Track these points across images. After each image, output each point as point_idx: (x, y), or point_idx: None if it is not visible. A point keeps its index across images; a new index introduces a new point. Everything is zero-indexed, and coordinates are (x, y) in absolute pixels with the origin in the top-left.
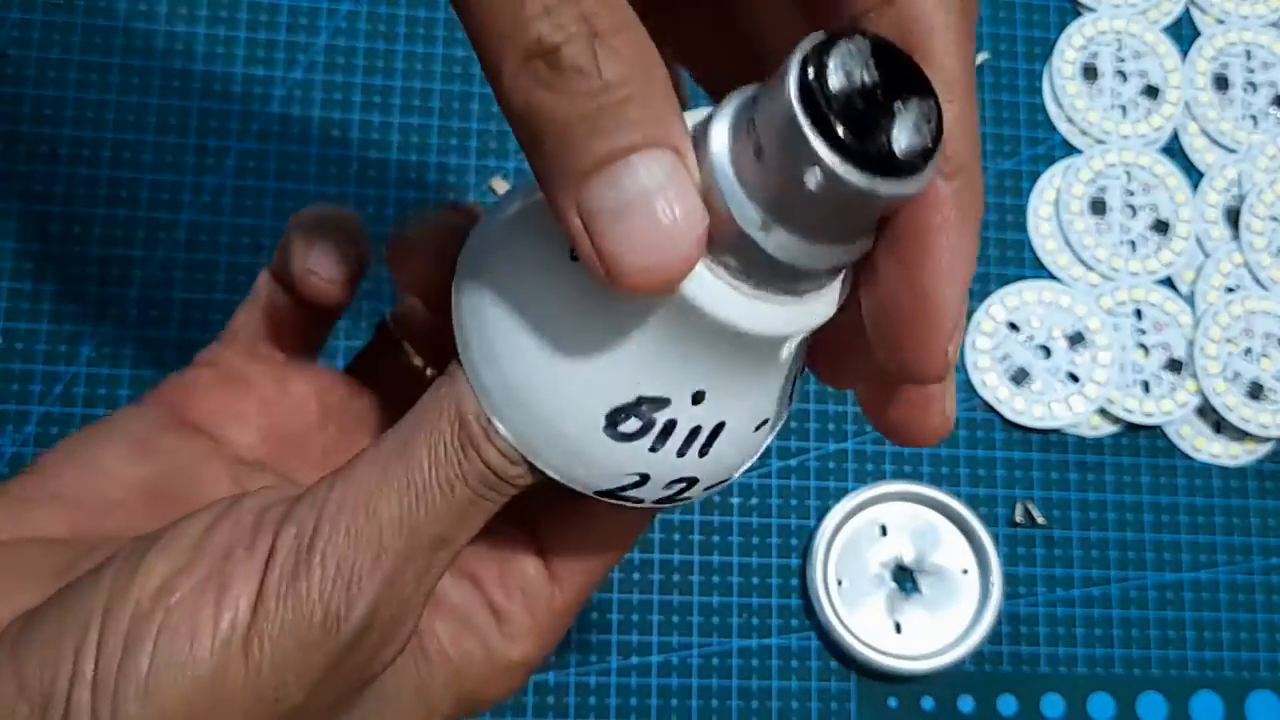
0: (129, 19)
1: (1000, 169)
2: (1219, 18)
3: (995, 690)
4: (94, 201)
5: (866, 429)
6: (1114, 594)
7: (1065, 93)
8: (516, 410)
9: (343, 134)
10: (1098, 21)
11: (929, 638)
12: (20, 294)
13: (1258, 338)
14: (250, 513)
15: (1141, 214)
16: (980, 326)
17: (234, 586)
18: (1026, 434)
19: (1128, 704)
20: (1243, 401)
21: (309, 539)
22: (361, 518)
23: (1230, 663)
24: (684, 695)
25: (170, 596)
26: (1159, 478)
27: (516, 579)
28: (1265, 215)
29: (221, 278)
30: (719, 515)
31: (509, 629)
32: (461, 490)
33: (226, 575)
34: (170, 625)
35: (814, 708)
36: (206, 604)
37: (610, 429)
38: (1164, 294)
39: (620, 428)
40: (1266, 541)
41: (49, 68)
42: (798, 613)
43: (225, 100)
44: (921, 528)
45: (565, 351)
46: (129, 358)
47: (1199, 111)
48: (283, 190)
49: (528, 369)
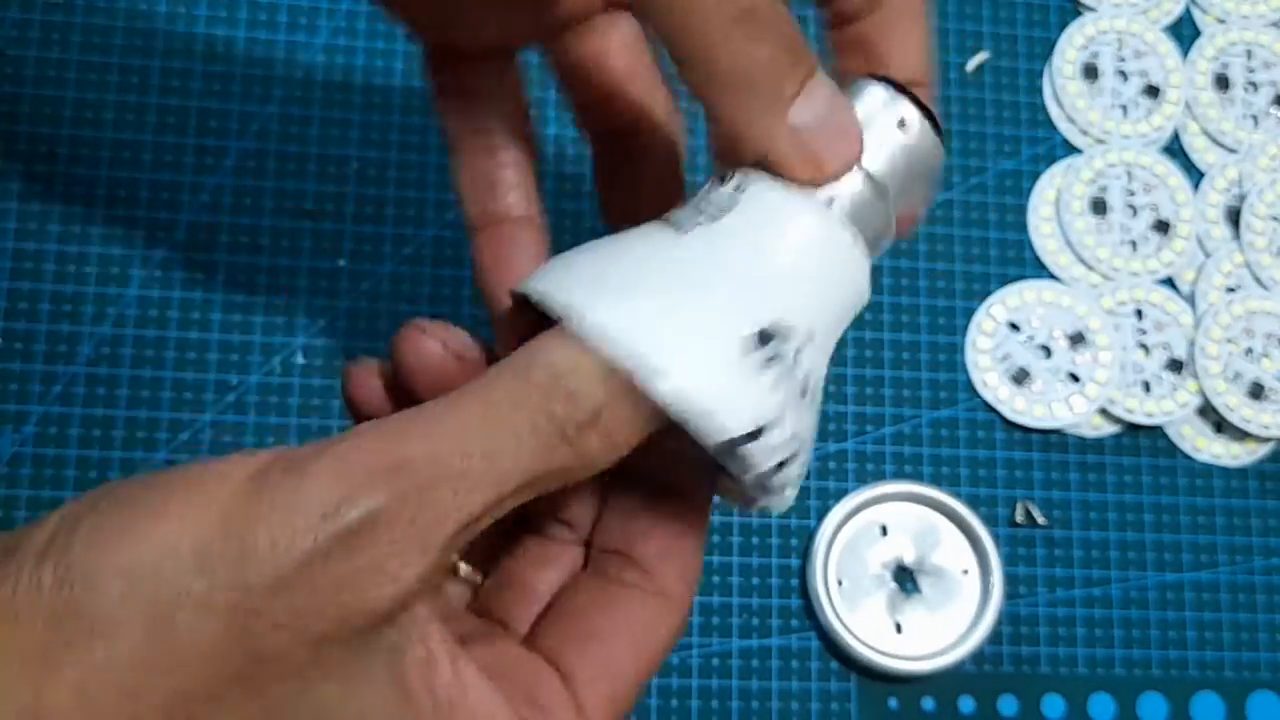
0: (128, 18)
1: (1001, 169)
2: (1220, 17)
3: (996, 691)
4: (93, 201)
5: (867, 429)
6: (1115, 594)
7: (1066, 92)
8: (656, 344)
9: (343, 134)
10: (1098, 21)
11: (929, 638)
12: (19, 294)
13: (1258, 338)
14: None
15: (1142, 214)
16: (981, 326)
17: (226, 460)
18: (1027, 434)
19: (1128, 704)
20: (1244, 401)
21: (327, 441)
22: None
23: (1231, 663)
24: (684, 696)
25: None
26: (1160, 478)
27: (543, 699)
28: (1266, 215)
29: (221, 277)
30: (719, 515)
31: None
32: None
33: (224, 458)
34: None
35: (814, 708)
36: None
37: (747, 354)
38: (1165, 294)
39: (755, 354)
40: (1267, 542)
41: (48, 67)
42: (798, 613)
43: (225, 100)
44: (922, 528)
45: (704, 284)
46: (128, 358)
47: (1200, 111)
48: (282, 190)
49: (672, 300)
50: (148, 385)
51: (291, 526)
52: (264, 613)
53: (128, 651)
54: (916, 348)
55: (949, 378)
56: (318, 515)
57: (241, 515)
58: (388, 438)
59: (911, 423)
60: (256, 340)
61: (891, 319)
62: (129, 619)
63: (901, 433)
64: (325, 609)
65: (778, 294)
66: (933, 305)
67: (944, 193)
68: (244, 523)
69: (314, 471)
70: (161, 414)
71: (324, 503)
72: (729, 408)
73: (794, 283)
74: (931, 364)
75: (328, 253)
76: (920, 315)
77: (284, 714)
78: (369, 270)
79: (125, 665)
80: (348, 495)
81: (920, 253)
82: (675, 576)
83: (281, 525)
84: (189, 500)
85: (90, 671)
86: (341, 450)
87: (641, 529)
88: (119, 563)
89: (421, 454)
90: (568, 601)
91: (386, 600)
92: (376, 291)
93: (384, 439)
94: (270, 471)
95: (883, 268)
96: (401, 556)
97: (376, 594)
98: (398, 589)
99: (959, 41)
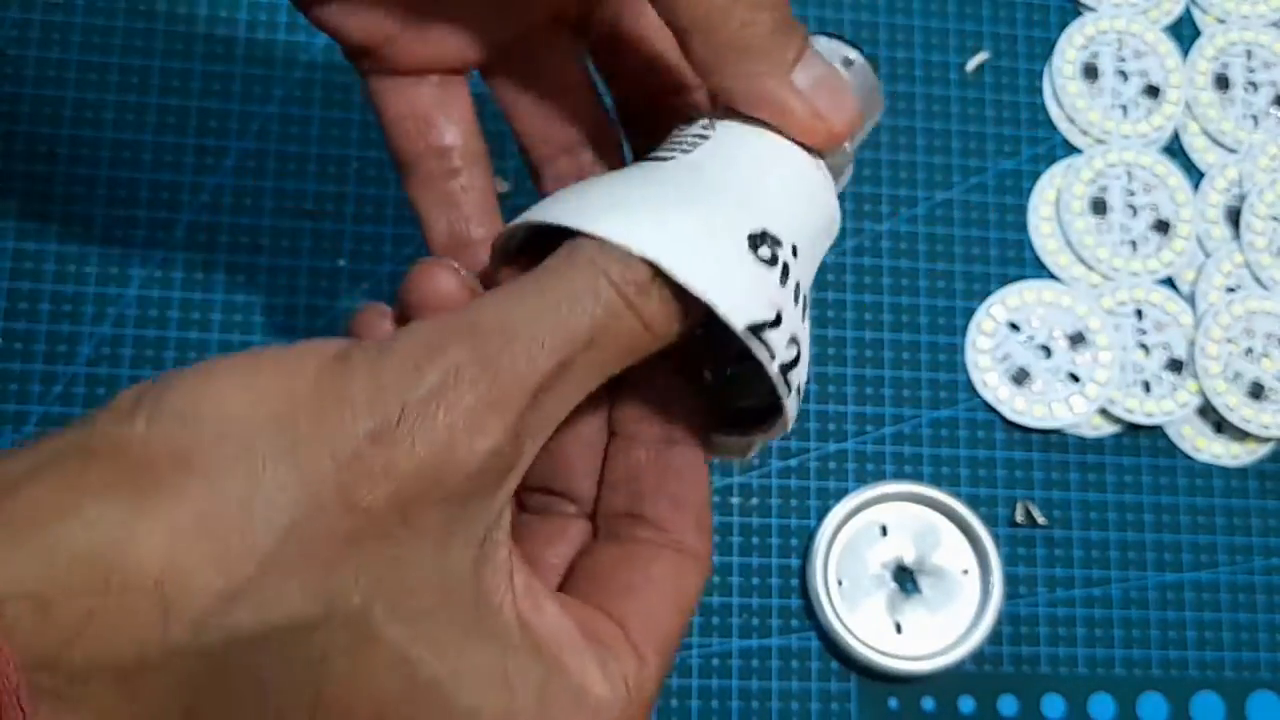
0: (128, 18)
1: (1001, 169)
2: (1220, 17)
3: (996, 691)
4: (93, 201)
5: (867, 429)
6: (1115, 594)
7: (1066, 92)
8: (674, 242)
9: (343, 134)
10: (1098, 21)
11: (929, 638)
12: (19, 294)
13: (1259, 338)
14: None
15: (1142, 214)
16: (981, 326)
17: (309, 341)
18: (1027, 434)
19: (1128, 705)
20: (1244, 401)
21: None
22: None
23: (1231, 663)
24: (684, 696)
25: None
26: (1160, 478)
27: (605, 635)
28: (1266, 215)
29: (221, 277)
30: (719, 515)
31: (609, 668)
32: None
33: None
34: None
35: (814, 708)
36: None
37: (752, 250)
38: (1165, 294)
39: (758, 251)
40: (1267, 542)
41: (48, 67)
42: (798, 613)
43: (225, 99)
44: (922, 528)
45: (700, 195)
46: (128, 358)
47: (1200, 111)
48: (282, 190)
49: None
50: None
51: (380, 385)
52: (358, 465)
53: (222, 493)
54: (916, 348)
55: (949, 378)
56: (404, 372)
57: (332, 378)
58: (458, 312)
59: (911, 423)
60: (256, 340)
61: (891, 319)
62: (225, 463)
63: (901, 433)
64: (418, 464)
65: (763, 206)
66: (933, 305)
67: (944, 193)
68: (335, 384)
69: (395, 344)
70: None
71: (408, 362)
72: (749, 294)
73: (774, 198)
74: (931, 364)
75: (328, 253)
76: (920, 315)
77: (375, 574)
78: (369, 270)
79: (218, 507)
80: (430, 354)
81: (920, 253)
82: (692, 528)
83: (371, 385)
84: (278, 369)
85: (182, 510)
86: (415, 326)
87: (649, 487)
88: (214, 411)
89: (493, 318)
90: (590, 567)
91: (476, 458)
92: (376, 291)
93: (454, 314)
94: (353, 348)
95: (883, 268)
96: (485, 411)
97: (466, 450)
98: (486, 445)
99: (959, 41)
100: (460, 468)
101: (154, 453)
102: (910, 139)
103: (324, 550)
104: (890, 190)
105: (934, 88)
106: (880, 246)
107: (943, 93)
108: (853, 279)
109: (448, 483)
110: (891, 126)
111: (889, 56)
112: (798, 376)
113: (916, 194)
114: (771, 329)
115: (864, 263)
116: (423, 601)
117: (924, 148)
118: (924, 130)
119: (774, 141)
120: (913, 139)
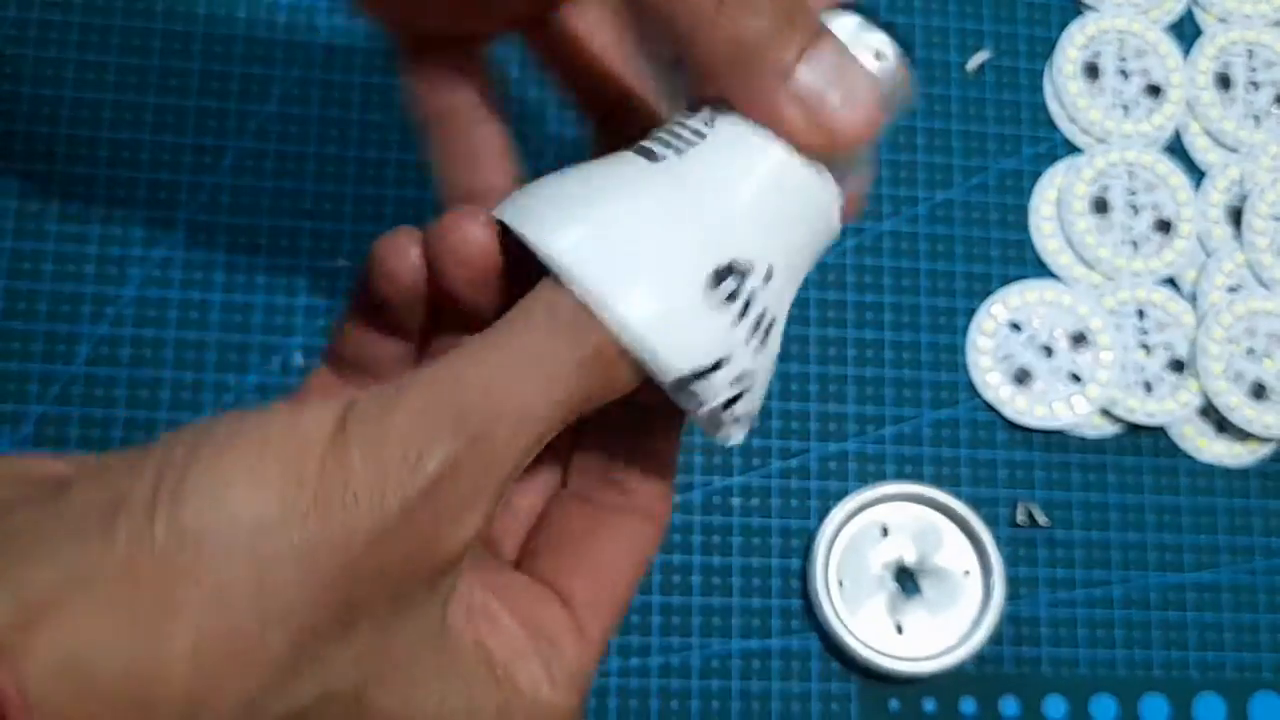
0: (126, 17)
1: (1002, 168)
2: (1221, 16)
3: (997, 692)
4: (91, 201)
5: (868, 429)
6: (1116, 595)
7: (1067, 92)
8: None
9: (341, 133)
10: (1100, 20)
11: (931, 639)
12: (17, 293)
13: (1260, 337)
14: None
15: (1143, 213)
16: (982, 326)
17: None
18: (1028, 434)
19: (1130, 705)
20: (1245, 401)
21: (394, 392)
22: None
23: (1233, 664)
24: (684, 697)
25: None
26: (1161, 478)
27: (549, 627)
28: (1267, 215)
29: (219, 277)
30: (719, 516)
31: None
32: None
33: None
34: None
35: (815, 709)
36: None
37: (713, 288)
38: (1166, 294)
39: (719, 287)
40: (1269, 542)
41: (46, 66)
42: (799, 614)
43: (223, 99)
44: (923, 529)
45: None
46: (126, 358)
47: (1201, 111)
48: (281, 189)
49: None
50: (146, 385)
51: (382, 481)
52: (360, 564)
53: (237, 607)
54: (917, 348)
55: (950, 378)
56: (403, 466)
57: (334, 469)
58: (449, 383)
59: (912, 423)
60: (255, 340)
61: (892, 319)
62: (238, 575)
63: (902, 433)
64: (409, 557)
65: (739, 231)
66: (933, 305)
67: (945, 192)
68: (336, 476)
69: (393, 424)
70: (160, 414)
71: (407, 454)
72: (679, 346)
73: (756, 221)
74: (932, 364)
75: (327, 252)
76: (921, 315)
77: (367, 656)
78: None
79: (234, 621)
80: (427, 443)
81: (921, 252)
82: (657, 496)
83: (372, 478)
84: (283, 453)
85: (202, 627)
86: (410, 401)
87: (622, 450)
88: (226, 517)
89: (481, 398)
90: (555, 524)
91: (463, 542)
92: None
93: (447, 385)
94: (352, 425)
95: (884, 267)
96: (473, 498)
97: (456, 538)
98: (473, 529)
99: (960, 41)
100: (445, 555)
101: (173, 571)
102: (911, 138)
103: (325, 647)
104: (891, 190)
105: (935, 87)
106: (881, 246)
107: (944, 92)
108: (853, 279)
109: (434, 565)
110: (892, 126)
111: None
112: (745, 405)
113: (917, 193)
114: (711, 373)
115: (865, 262)
116: (406, 669)
117: (925, 147)
118: (925, 130)
119: (770, 146)
120: (913, 138)
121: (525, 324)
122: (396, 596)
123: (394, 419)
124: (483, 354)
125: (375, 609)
